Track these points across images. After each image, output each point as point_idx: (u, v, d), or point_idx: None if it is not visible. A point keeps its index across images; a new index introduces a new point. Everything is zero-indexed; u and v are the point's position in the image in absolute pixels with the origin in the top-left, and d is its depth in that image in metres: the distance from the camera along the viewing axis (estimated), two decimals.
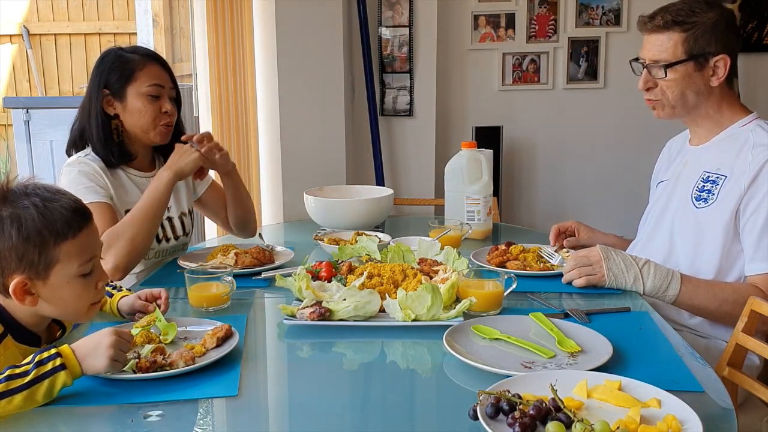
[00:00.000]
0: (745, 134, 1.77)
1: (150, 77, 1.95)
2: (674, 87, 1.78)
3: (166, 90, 1.99)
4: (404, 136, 3.66)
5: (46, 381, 1.14)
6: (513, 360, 1.31)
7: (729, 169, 1.74)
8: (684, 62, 1.76)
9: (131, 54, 1.97)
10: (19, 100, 4.45)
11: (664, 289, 1.68)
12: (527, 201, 3.94)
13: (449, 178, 2.36)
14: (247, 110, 3.23)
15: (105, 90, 1.94)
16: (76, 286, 1.29)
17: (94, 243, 1.32)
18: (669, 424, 1.03)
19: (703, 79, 1.77)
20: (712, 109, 1.81)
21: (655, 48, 1.78)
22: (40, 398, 1.14)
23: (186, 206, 2.15)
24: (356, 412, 1.24)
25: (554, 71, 3.77)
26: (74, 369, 1.17)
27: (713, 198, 1.74)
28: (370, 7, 3.50)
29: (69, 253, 1.27)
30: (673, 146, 2.05)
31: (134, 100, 1.94)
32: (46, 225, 1.24)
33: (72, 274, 1.28)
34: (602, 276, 1.71)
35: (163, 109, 1.97)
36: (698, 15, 1.75)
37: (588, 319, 1.54)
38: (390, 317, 1.53)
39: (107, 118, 1.95)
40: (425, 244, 1.95)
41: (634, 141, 3.68)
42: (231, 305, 1.67)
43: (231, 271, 1.71)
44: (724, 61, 1.76)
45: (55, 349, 1.18)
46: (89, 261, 1.30)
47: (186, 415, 1.16)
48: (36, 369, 1.14)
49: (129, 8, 5.20)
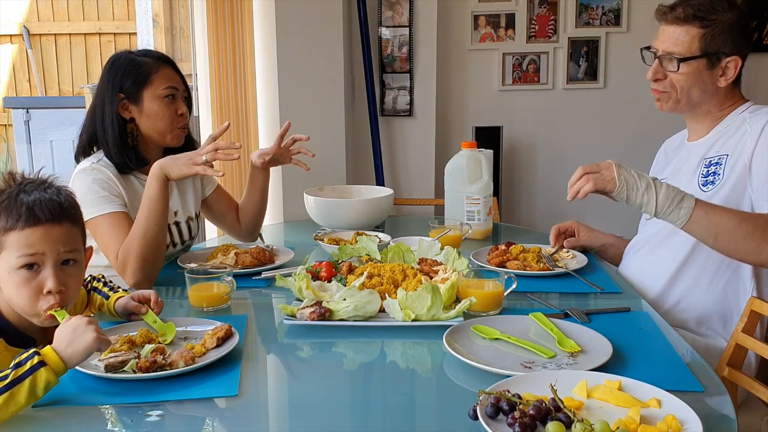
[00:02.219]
0: (741, 117, 1.79)
1: (165, 80, 1.95)
2: (683, 81, 1.77)
3: (180, 92, 1.99)
4: (404, 136, 3.66)
5: (26, 381, 1.12)
6: (513, 360, 1.32)
7: (730, 148, 1.74)
8: (697, 58, 1.75)
9: (143, 58, 1.96)
10: (19, 100, 4.46)
11: (678, 202, 1.54)
12: (527, 201, 3.94)
13: (449, 178, 2.36)
14: (247, 110, 3.23)
15: (120, 94, 1.92)
16: (16, 279, 1.28)
17: (45, 244, 1.28)
18: (669, 424, 1.03)
19: (711, 78, 1.77)
20: (714, 107, 1.82)
21: (671, 40, 1.77)
22: (22, 399, 1.11)
23: (193, 210, 2.14)
24: (356, 412, 1.24)
25: (554, 71, 3.77)
26: (56, 365, 1.15)
27: (720, 179, 1.73)
28: (370, 7, 3.50)
29: (12, 244, 1.27)
30: (669, 146, 2.06)
31: (151, 103, 1.93)
32: (3, 211, 1.28)
33: (13, 266, 1.27)
34: (612, 179, 1.57)
35: (179, 112, 1.97)
36: (719, 13, 1.74)
37: (588, 318, 1.54)
38: (390, 317, 1.53)
39: (122, 123, 1.94)
40: (425, 244, 1.95)
41: (634, 141, 3.68)
42: (231, 305, 1.68)
43: (231, 271, 1.71)
44: (735, 63, 1.76)
45: (34, 349, 1.16)
46: (31, 257, 1.27)
47: (186, 415, 1.16)
48: (14, 370, 1.12)
49: (129, 8, 5.21)
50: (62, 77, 5.34)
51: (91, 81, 5.09)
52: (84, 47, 5.32)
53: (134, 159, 1.94)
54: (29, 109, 4.18)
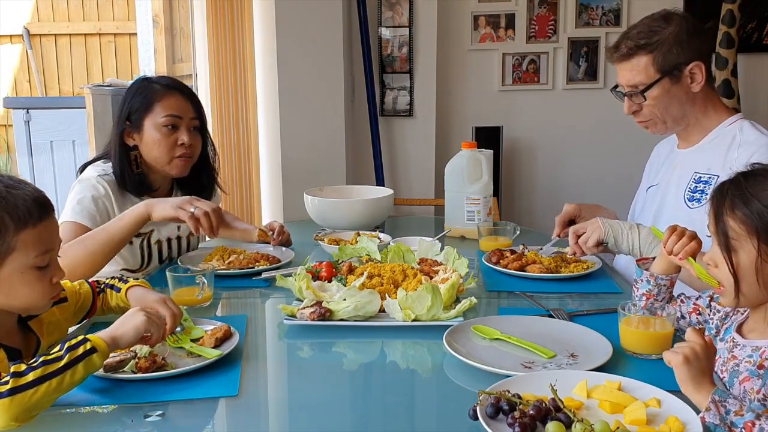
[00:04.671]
0: (732, 132, 1.79)
1: (166, 108, 1.91)
2: (657, 105, 1.80)
3: (185, 121, 1.93)
4: (404, 136, 3.66)
5: (80, 364, 1.15)
6: (513, 360, 1.32)
7: (720, 168, 1.75)
8: (659, 81, 1.77)
9: (155, 84, 1.94)
10: (20, 100, 4.45)
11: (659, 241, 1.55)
12: (527, 201, 3.94)
13: (449, 178, 2.36)
14: (247, 110, 3.23)
15: (127, 122, 1.92)
16: (29, 277, 1.24)
17: (53, 236, 1.28)
18: (671, 426, 1.03)
19: (683, 89, 1.79)
20: (699, 113, 1.83)
21: (629, 75, 1.80)
22: (77, 380, 1.16)
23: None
24: (356, 412, 1.24)
25: (554, 71, 3.77)
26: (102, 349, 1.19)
27: (706, 197, 1.75)
28: (370, 7, 3.50)
29: (26, 243, 1.22)
30: (660, 150, 2.07)
31: (150, 131, 1.91)
32: (8, 211, 1.20)
33: (27, 265, 1.23)
34: (598, 227, 1.77)
35: (180, 141, 1.92)
36: (659, 33, 1.76)
37: (570, 319, 1.54)
38: (390, 317, 1.53)
39: (126, 149, 1.92)
40: (425, 244, 1.95)
41: (633, 141, 3.67)
42: (231, 305, 1.68)
43: (208, 271, 1.67)
44: (698, 67, 1.77)
45: (81, 336, 1.19)
46: (46, 253, 1.25)
47: (186, 415, 1.17)
48: (68, 353, 1.15)
49: (129, 8, 5.20)
50: (62, 78, 5.34)
51: (91, 81, 5.09)
52: (84, 47, 5.32)
53: (137, 185, 1.92)
54: (29, 110, 4.18)
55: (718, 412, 1.00)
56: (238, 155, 3.19)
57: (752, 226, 1.13)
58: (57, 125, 4.19)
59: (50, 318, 1.37)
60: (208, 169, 2.08)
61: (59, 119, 4.20)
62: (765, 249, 1.12)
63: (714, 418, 1.00)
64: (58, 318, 1.40)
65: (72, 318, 1.45)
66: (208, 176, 2.10)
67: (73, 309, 1.46)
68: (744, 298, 1.18)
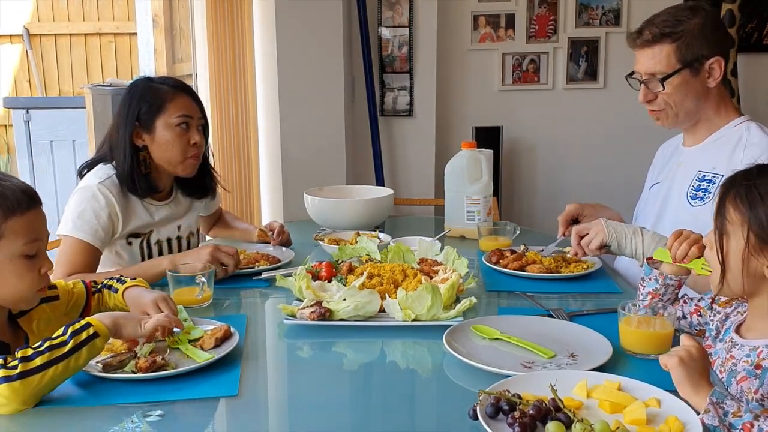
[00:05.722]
0: (738, 132, 1.79)
1: (179, 108, 1.91)
2: (674, 96, 1.79)
3: (195, 120, 1.94)
4: (404, 136, 3.66)
5: (84, 349, 1.19)
6: (513, 360, 1.32)
7: (724, 168, 1.74)
8: (680, 71, 1.76)
9: (161, 85, 1.94)
10: (20, 100, 4.45)
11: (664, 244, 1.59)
12: (527, 201, 3.94)
13: (449, 178, 2.36)
14: (247, 110, 3.23)
15: (136, 123, 1.90)
16: (18, 265, 1.26)
17: (41, 226, 1.30)
18: (671, 426, 1.03)
19: (701, 83, 1.78)
20: (711, 110, 1.83)
21: (649, 62, 1.79)
22: (81, 364, 1.20)
23: (195, 226, 2.13)
24: (356, 412, 1.24)
25: (554, 71, 3.77)
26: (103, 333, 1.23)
27: (709, 196, 1.75)
28: (370, 7, 3.50)
29: (15, 230, 1.24)
30: (666, 149, 2.07)
31: (163, 131, 1.90)
32: None
33: (16, 253, 1.25)
34: (602, 230, 1.74)
35: (192, 141, 1.93)
36: (684, 23, 1.75)
37: (570, 319, 1.54)
38: (390, 317, 1.53)
39: (135, 150, 1.91)
40: (425, 244, 1.95)
41: (634, 141, 3.68)
42: (231, 305, 1.68)
43: (206, 272, 1.67)
44: (718, 63, 1.76)
45: (84, 320, 1.22)
46: (34, 242, 1.27)
47: (186, 415, 1.17)
48: (73, 338, 1.18)
49: (129, 8, 5.20)
50: (62, 77, 5.34)
51: (91, 81, 5.09)
52: (84, 47, 5.32)
53: (144, 186, 1.92)
54: (29, 110, 4.17)
55: (717, 413, 1.00)
56: (238, 155, 3.19)
57: (747, 218, 1.14)
58: (57, 125, 4.19)
59: (40, 315, 1.39)
60: (206, 169, 2.09)
61: (59, 119, 4.20)
62: (753, 243, 1.14)
63: (713, 419, 1.00)
64: (49, 315, 1.41)
65: (64, 317, 1.45)
66: (211, 177, 2.11)
67: (65, 308, 1.46)
68: (727, 286, 1.19)
